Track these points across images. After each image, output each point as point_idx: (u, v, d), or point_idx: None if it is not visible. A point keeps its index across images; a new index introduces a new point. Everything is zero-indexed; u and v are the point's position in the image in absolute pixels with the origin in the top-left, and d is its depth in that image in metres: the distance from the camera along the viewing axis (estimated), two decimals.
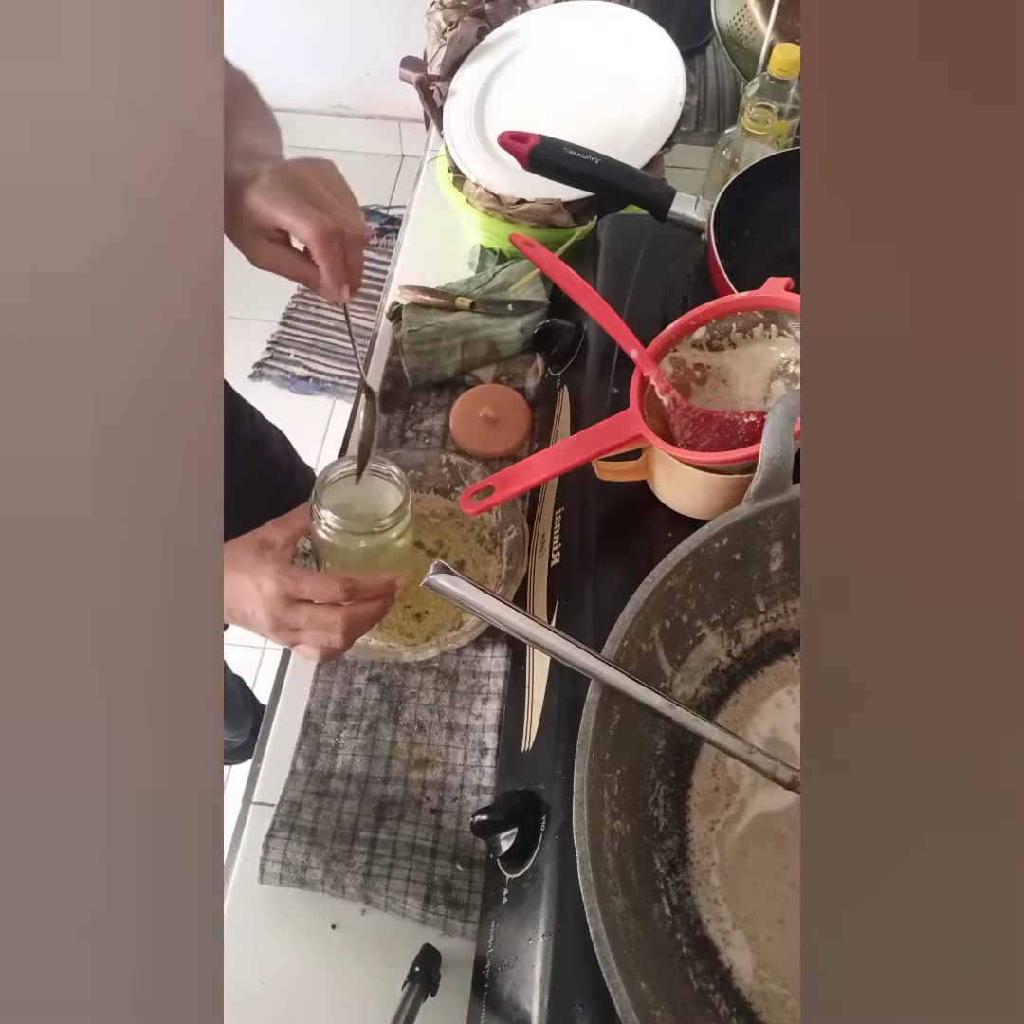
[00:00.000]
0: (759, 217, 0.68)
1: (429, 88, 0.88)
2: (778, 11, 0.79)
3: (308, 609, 0.49)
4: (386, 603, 0.52)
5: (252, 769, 0.61)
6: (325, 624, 0.49)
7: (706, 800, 0.45)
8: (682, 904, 0.42)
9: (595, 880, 0.35)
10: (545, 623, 0.40)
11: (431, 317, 0.79)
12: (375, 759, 0.60)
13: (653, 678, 0.43)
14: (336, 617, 0.49)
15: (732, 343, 0.56)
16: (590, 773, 0.37)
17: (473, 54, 0.88)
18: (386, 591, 0.52)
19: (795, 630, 0.49)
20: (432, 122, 0.93)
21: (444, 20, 0.86)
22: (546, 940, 0.42)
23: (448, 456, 0.70)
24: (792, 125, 0.76)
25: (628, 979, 0.33)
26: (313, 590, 0.49)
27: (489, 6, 0.88)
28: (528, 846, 0.47)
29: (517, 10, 0.89)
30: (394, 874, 0.53)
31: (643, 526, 0.57)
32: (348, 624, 0.49)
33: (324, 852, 0.55)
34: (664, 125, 0.78)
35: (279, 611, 0.49)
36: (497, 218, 0.80)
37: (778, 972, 0.40)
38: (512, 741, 0.57)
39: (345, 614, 0.49)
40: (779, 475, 0.43)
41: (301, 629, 0.49)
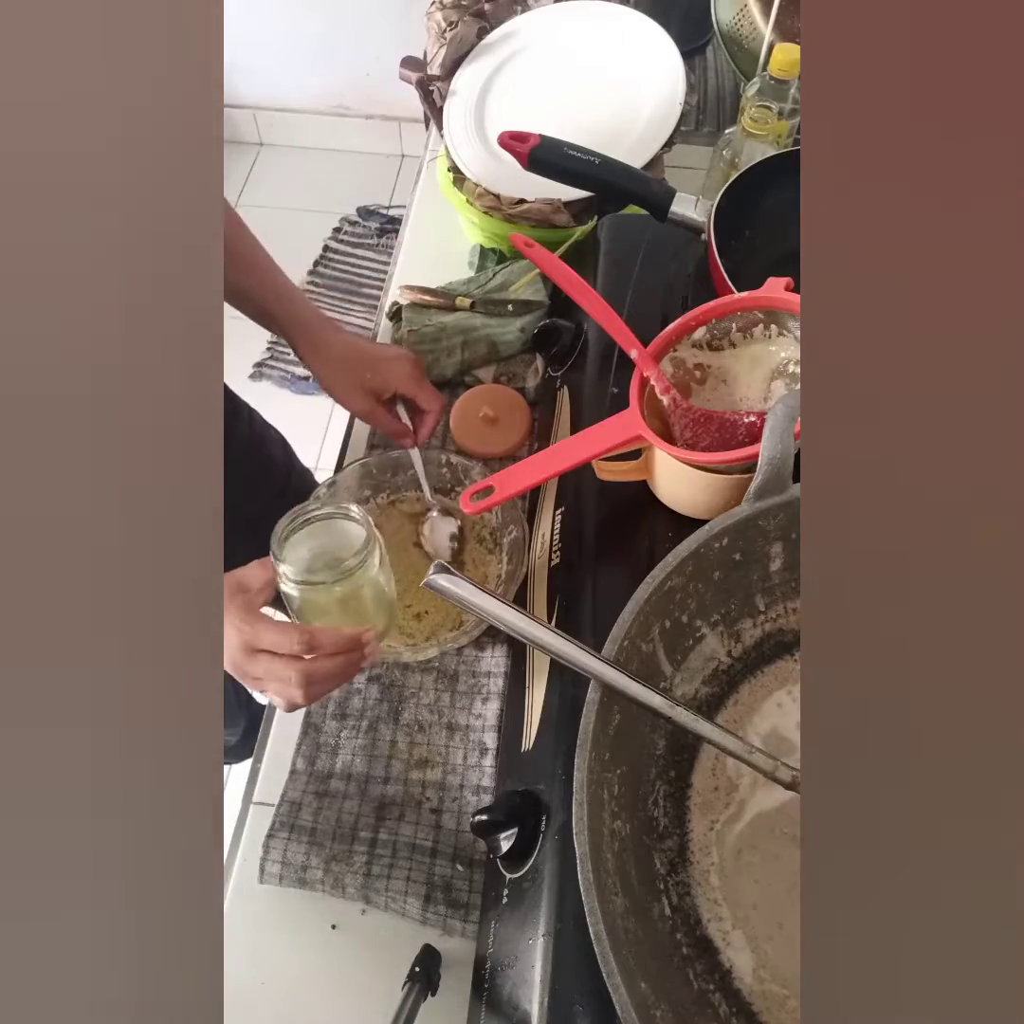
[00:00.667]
0: (759, 217, 0.68)
1: (429, 88, 0.88)
2: (778, 11, 0.79)
3: (266, 660, 0.47)
4: (351, 659, 0.49)
5: (252, 769, 0.61)
6: (280, 677, 0.47)
7: (706, 800, 0.45)
8: (682, 904, 0.42)
9: (595, 880, 0.35)
10: (545, 623, 0.40)
11: (431, 317, 0.79)
12: (375, 759, 0.60)
13: (653, 678, 0.43)
14: (291, 672, 0.47)
15: (732, 343, 0.56)
16: (590, 773, 0.37)
17: (473, 54, 0.88)
18: (351, 646, 0.49)
19: (795, 630, 0.49)
20: (432, 122, 0.93)
21: (444, 20, 0.86)
22: (546, 940, 0.42)
23: (448, 456, 0.70)
24: (792, 125, 0.76)
25: (628, 979, 0.33)
26: (270, 641, 0.47)
27: (489, 6, 0.88)
28: (528, 846, 0.47)
29: (517, 10, 0.89)
30: (394, 874, 0.53)
31: (643, 526, 0.57)
32: (304, 679, 0.47)
33: (324, 852, 0.55)
34: (664, 125, 0.78)
35: (240, 660, 0.48)
36: (497, 218, 0.80)
37: (778, 972, 0.40)
38: (512, 741, 0.57)
39: (301, 669, 0.47)
40: (779, 475, 0.43)
41: (261, 679, 0.48)
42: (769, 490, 0.43)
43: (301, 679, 0.47)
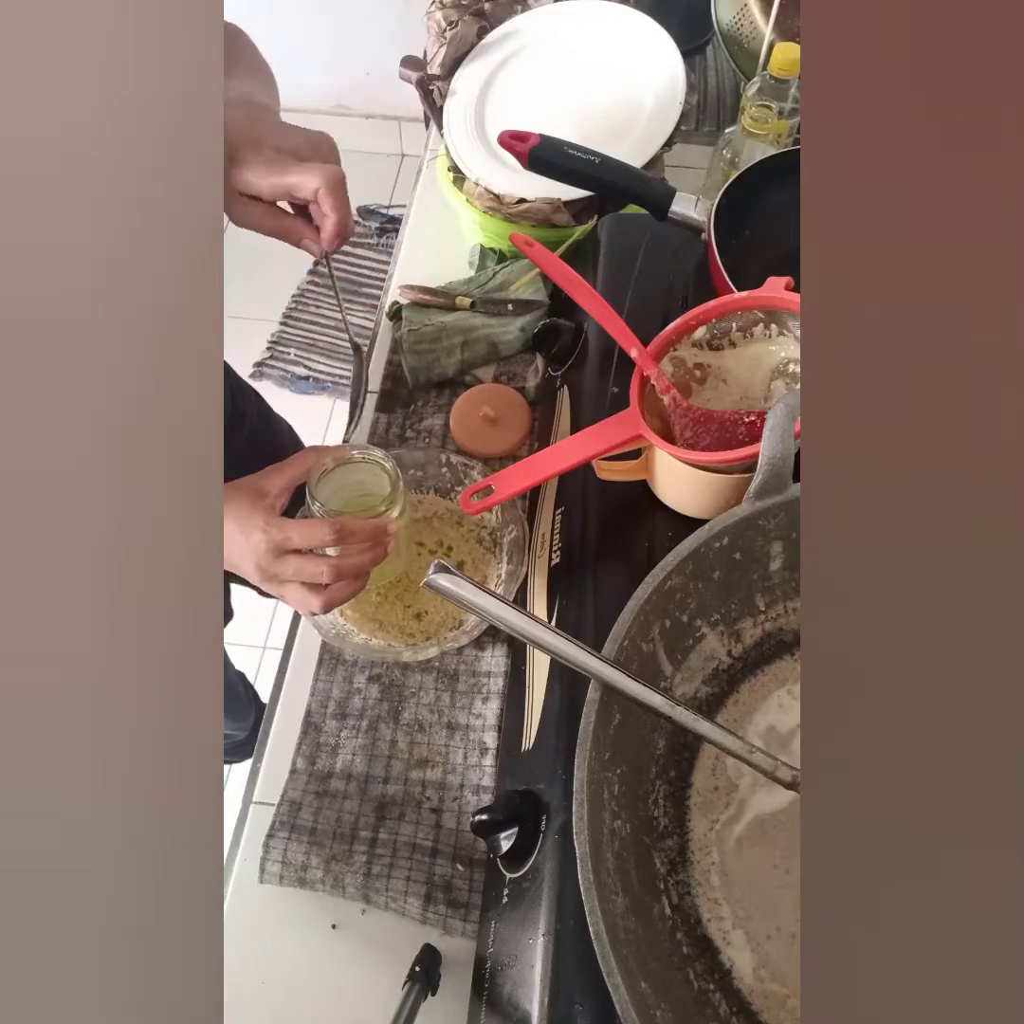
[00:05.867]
0: (759, 217, 0.68)
1: (429, 88, 0.88)
2: (778, 10, 0.79)
3: (295, 560, 0.49)
4: (377, 554, 0.51)
5: (252, 769, 0.61)
6: (311, 574, 0.48)
7: (706, 800, 0.45)
8: (682, 904, 0.42)
9: (595, 880, 0.35)
10: (545, 623, 0.40)
11: (431, 317, 0.79)
12: (375, 759, 0.60)
13: (653, 678, 0.43)
14: (322, 567, 0.48)
15: (732, 343, 0.56)
16: (590, 773, 0.37)
17: (473, 54, 0.88)
18: (377, 536, 0.51)
19: (795, 630, 0.49)
20: (432, 122, 0.93)
21: (444, 19, 0.85)
22: (546, 940, 0.42)
23: (448, 456, 0.70)
24: (792, 125, 0.76)
25: (628, 979, 0.33)
26: (301, 537, 0.48)
27: (489, 5, 0.88)
28: (528, 846, 0.47)
29: (517, 9, 0.89)
30: (394, 874, 0.53)
31: (643, 526, 0.57)
32: (335, 573, 0.49)
33: (324, 852, 0.55)
34: (664, 124, 0.78)
35: (266, 563, 0.49)
36: (497, 218, 0.80)
37: (778, 972, 0.40)
38: (512, 741, 0.57)
39: (332, 564, 0.49)
40: (779, 475, 0.43)
41: (288, 581, 0.49)
42: (769, 490, 0.43)
43: (333, 573, 0.49)
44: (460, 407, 0.75)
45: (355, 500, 0.56)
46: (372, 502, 0.54)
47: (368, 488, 0.57)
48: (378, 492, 0.55)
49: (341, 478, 0.56)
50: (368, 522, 0.51)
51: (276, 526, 0.48)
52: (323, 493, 0.54)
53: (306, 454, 0.53)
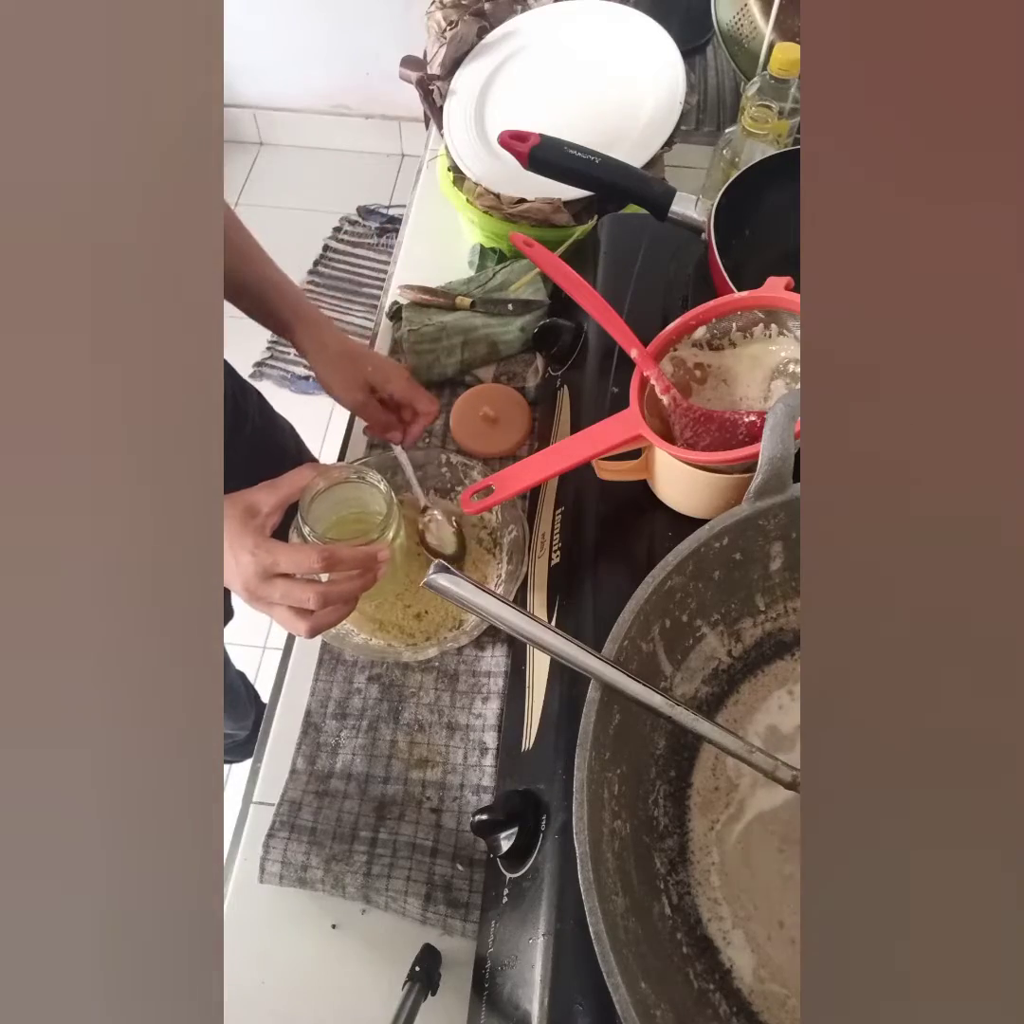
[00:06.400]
0: (759, 217, 0.68)
1: (429, 88, 0.88)
2: (778, 10, 0.79)
3: (283, 584, 0.48)
4: (366, 580, 0.51)
5: (252, 769, 0.61)
6: (298, 600, 0.48)
7: (706, 799, 0.45)
8: (682, 904, 0.42)
9: (595, 880, 0.35)
10: (545, 623, 0.40)
11: (431, 317, 0.79)
12: (375, 759, 0.60)
13: (653, 678, 0.43)
14: (309, 594, 0.48)
15: (732, 342, 0.56)
16: (590, 772, 0.37)
17: (473, 54, 0.88)
18: (367, 564, 0.50)
19: (795, 630, 0.49)
20: (432, 122, 0.93)
21: (444, 19, 0.85)
22: (546, 940, 0.42)
23: (448, 456, 0.70)
24: (792, 125, 0.76)
25: (628, 979, 0.33)
26: (289, 562, 0.48)
27: (489, 5, 0.88)
28: (528, 846, 0.47)
29: (517, 9, 0.89)
30: (394, 873, 0.53)
31: (643, 526, 0.57)
32: (322, 600, 0.48)
33: (324, 852, 0.55)
34: (664, 124, 0.78)
35: (254, 586, 0.48)
36: (497, 218, 0.80)
37: (778, 972, 0.40)
38: (512, 741, 0.57)
39: (318, 591, 0.48)
40: (779, 475, 0.43)
41: (275, 604, 0.49)
42: (769, 490, 0.43)
43: (319, 600, 0.48)
44: (460, 407, 0.75)
45: (349, 517, 0.55)
46: (367, 520, 0.53)
47: (364, 505, 0.56)
48: (374, 510, 0.54)
49: (336, 495, 0.55)
50: (358, 550, 0.50)
51: (265, 549, 0.48)
52: (315, 512, 0.53)
53: (302, 471, 0.53)
